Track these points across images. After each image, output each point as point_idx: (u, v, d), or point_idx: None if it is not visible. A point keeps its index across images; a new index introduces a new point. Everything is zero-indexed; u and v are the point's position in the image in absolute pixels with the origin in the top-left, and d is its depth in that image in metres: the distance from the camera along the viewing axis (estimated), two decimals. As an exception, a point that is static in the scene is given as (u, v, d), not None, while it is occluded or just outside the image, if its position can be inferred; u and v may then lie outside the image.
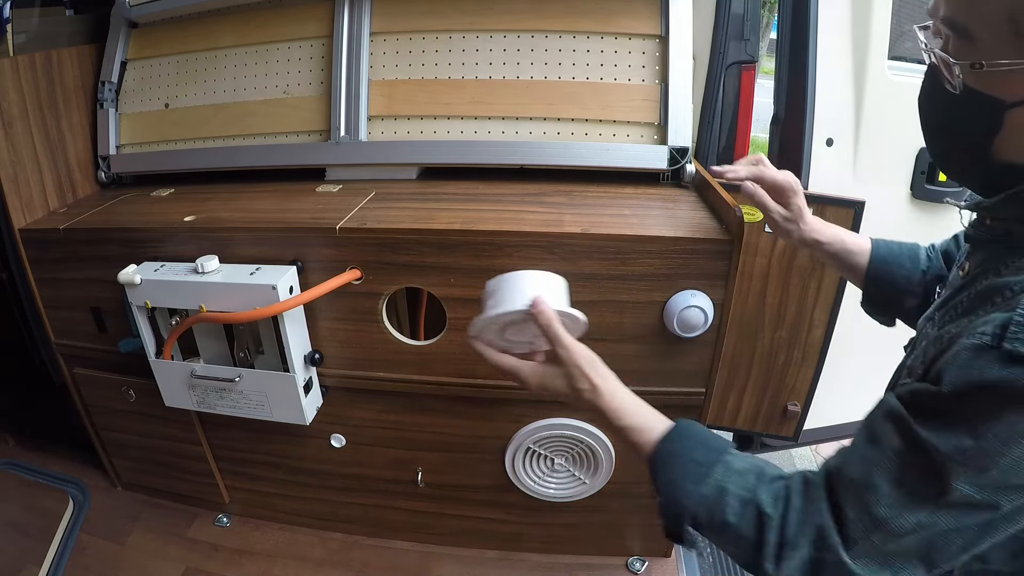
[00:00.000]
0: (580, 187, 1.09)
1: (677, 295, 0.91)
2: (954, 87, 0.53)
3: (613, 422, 0.67)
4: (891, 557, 0.51)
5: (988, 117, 0.52)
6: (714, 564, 1.45)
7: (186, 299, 0.98)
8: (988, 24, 0.49)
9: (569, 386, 0.68)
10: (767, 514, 0.55)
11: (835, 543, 0.52)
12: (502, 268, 0.93)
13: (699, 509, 0.58)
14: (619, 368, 0.98)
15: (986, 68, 0.50)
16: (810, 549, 0.53)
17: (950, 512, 0.49)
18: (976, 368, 0.47)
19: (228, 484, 1.30)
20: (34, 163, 1.16)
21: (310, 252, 0.98)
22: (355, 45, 1.15)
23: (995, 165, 0.54)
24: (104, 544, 1.28)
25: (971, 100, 0.53)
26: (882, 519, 0.50)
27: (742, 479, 0.58)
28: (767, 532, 0.55)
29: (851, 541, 0.52)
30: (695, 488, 0.59)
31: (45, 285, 1.16)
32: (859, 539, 0.52)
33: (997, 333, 0.46)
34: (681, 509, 0.59)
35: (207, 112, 1.25)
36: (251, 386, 1.03)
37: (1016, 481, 0.46)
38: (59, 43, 1.25)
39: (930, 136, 0.61)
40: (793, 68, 1.32)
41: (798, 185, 0.83)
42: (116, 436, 1.30)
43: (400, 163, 1.16)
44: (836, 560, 0.52)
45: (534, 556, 1.22)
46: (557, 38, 1.11)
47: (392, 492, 1.20)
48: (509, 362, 0.72)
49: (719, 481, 0.58)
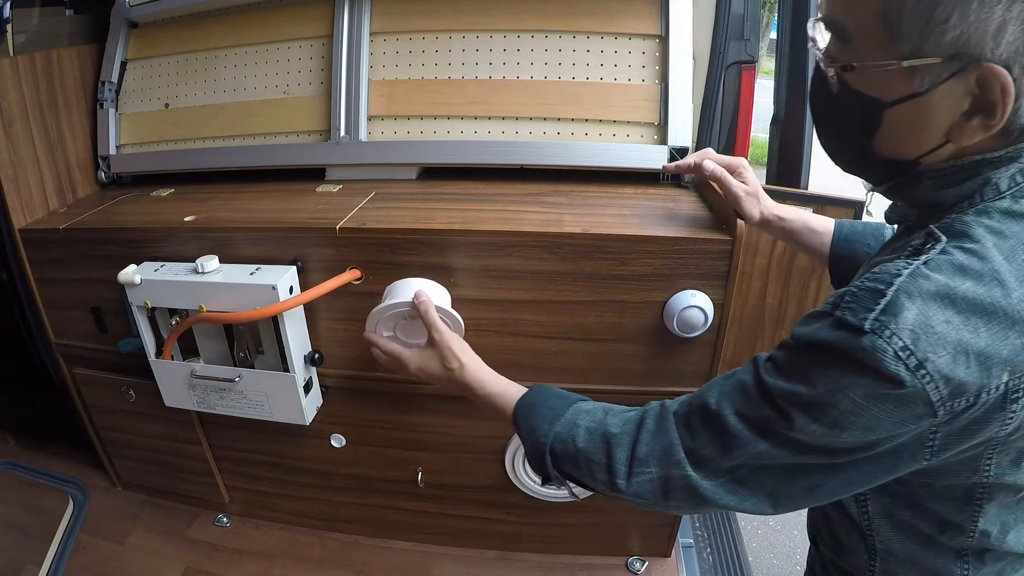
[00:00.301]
0: (580, 187, 1.09)
1: (677, 295, 0.91)
2: (833, 86, 0.56)
3: (478, 391, 0.77)
4: (738, 484, 0.57)
5: (867, 115, 0.54)
6: (714, 564, 1.45)
7: (186, 299, 0.98)
8: (862, 24, 0.51)
9: (442, 367, 0.80)
10: (613, 434, 0.61)
11: (682, 460, 0.57)
12: (502, 268, 0.94)
13: (555, 443, 0.65)
14: (619, 368, 0.99)
15: (858, 69, 0.53)
16: (659, 467, 0.59)
17: (789, 449, 0.54)
18: (812, 328, 0.52)
19: (228, 484, 1.30)
20: (34, 163, 1.16)
21: (310, 252, 0.98)
22: (355, 45, 1.15)
23: (876, 161, 0.57)
24: (104, 544, 1.28)
25: (851, 98, 0.54)
26: (728, 445, 0.56)
27: (590, 415, 0.66)
28: (615, 450, 0.61)
29: (699, 461, 0.57)
30: (550, 427, 0.66)
31: (45, 285, 1.16)
32: (708, 460, 0.57)
33: (834, 302, 0.51)
34: (540, 447, 0.66)
35: (207, 112, 1.25)
36: (251, 386, 1.03)
37: (851, 429, 0.50)
38: (59, 43, 1.25)
39: (819, 130, 0.63)
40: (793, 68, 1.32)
41: (745, 162, 0.88)
42: (116, 436, 1.30)
43: (400, 163, 1.16)
44: (683, 475, 0.57)
45: (534, 556, 1.22)
46: (557, 38, 1.11)
47: (392, 492, 1.20)
48: (392, 347, 0.85)
49: (570, 418, 0.66)
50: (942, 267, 0.48)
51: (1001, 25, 0.45)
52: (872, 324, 0.47)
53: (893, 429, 0.50)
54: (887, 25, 0.49)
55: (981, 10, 0.45)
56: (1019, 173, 0.52)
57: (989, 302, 0.47)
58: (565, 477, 0.67)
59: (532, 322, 0.97)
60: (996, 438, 0.52)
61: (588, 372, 0.99)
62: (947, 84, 0.49)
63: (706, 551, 1.47)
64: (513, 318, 0.97)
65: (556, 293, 0.94)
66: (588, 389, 0.99)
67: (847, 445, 0.52)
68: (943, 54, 0.48)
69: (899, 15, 0.48)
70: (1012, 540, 0.62)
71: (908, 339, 0.46)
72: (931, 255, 0.50)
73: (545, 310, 0.96)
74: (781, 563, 1.82)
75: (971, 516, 0.60)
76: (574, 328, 0.96)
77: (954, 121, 0.51)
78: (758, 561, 1.82)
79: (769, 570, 1.81)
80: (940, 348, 0.46)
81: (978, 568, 0.64)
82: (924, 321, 0.46)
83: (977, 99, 0.49)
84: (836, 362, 0.49)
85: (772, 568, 1.81)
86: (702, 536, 1.51)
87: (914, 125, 0.53)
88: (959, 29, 0.46)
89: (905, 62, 0.49)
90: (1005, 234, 0.50)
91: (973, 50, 0.47)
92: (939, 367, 0.46)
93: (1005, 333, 0.47)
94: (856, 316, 0.48)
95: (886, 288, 0.48)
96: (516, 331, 0.98)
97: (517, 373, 0.99)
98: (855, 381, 0.48)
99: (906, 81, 0.50)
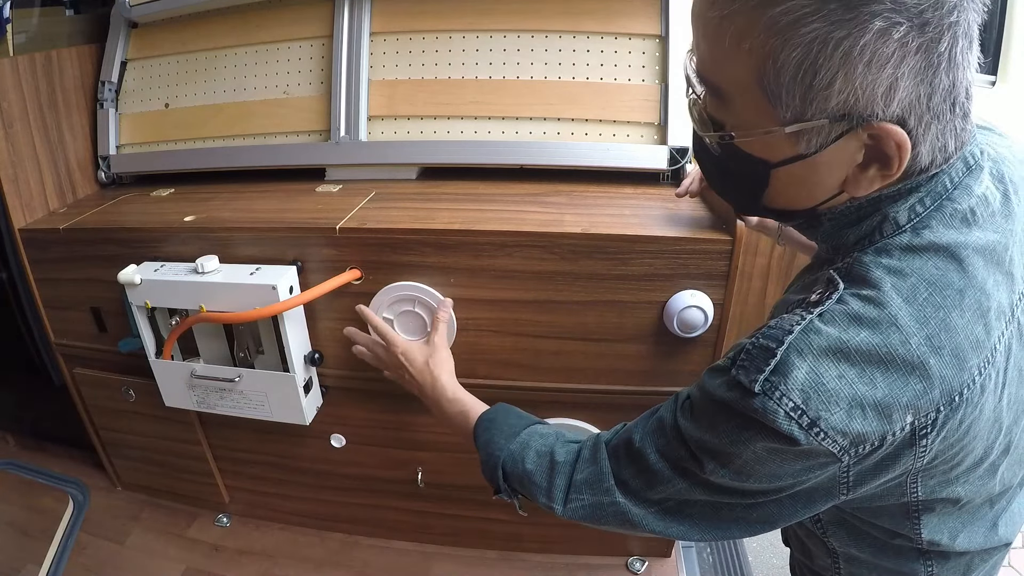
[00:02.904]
0: (580, 187, 1.09)
1: (677, 295, 0.91)
2: (713, 149, 0.53)
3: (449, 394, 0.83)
4: (666, 514, 0.58)
5: (754, 175, 0.52)
6: (714, 564, 1.45)
7: (186, 299, 0.98)
8: (739, 88, 0.47)
9: (424, 361, 0.87)
10: (558, 461, 0.64)
11: (611, 487, 0.60)
12: (502, 268, 0.94)
13: (507, 460, 0.68)
14: (619, 368, 0.99)
15: (737, 137, 0.50)
16: (591, 494, 0.61)
17: (705, 488, 0.54)
18: (713, 383, 0.51)
19: (228, 484, 1.30)
20: (34, 163, 1.16)
21: (310, 252, 0.98)
22: (355, 45, 1.15)
23: (771, 210, 0.56)
24: (104, 544, 1.28)
25: (736, 157, 0.51)
26: (651, 481, 0.57)
27: (543, 439, 0.68)
28: (556, 477, 0.63)
29: (628, 490, 0.59)
30: (506, 444, 0.69)
31: (45, 285, 1.16)
32: (636, 491, 0.59)
33: (732, 356, 0.50)
34: (495, 461, 0.69)
35: (207, 112, 1.25)
36: (251, 386, 1.03)
37: (757, 477, 0.50)
38: (59, 43, 1.25)
39: (708, 180, 0.62)
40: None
41: None
42: (116, 436, 1.30)
43: (400, 163, 1.16)
44: (612, 502, 0.59)
45: (534, 556, 1.22)
46: (557, 38, 1.11)
47: (392, 492, 1.20)
48: (385, 325, 0.93)
49: (524, 439, 0.69)
50: (836, 319, 0.47)
51: (891, 84, 0.43)
52: (762, 386, 0.46)
53: (799, 476, 0.50)
54: (765, 91, 0.46)
55: (868, 73, 0.42)
56: (918, 203, 0.50)
57: (885, 351, 0.46)
58: (515, 492, 0.70)
59: (532, 322, 0.97)
60: (914, 468, 0.51)
61: (588, 372, 0.99)
62: (837, 144, 0.47)
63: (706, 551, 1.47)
64: (513, 318, 0.97)
65: (556, 293, 0.94)
66: (588, 389, 1.00)
67: (757, 489, 0.52)
68: (830, 116, 0.45)
69: (776, 82, 0.44)
70: (964, 542, 0.62)
71: (799, 399, 0.45)
72: (827, 306, 0.48)
73: (545, 310, 0.96)
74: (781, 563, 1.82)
75: (912, 528, 0.61)
76: (574, 328, 0.96)
77: (849, 173, 0.49)
78: (758, 561, 1.82)
79: (769, 570, 1.81)
80: (833, 405, 0.45)
81: (942, 564, 0.64)
82: (815, 379, 0.46)
83: (871, 151, 0.47)
84: (735, 418, 0.49)
85: (772, 568, 1.81)
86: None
87: (805, 182, 0.51)
88: (845, 92, 0.43)
89: (787, 128, 0.46)
90: (905, 272, 0.48)
91: (862, 111, 0.44)
92: (833, 424, 0.45)
93: (904, 380, 0.46)
94: (748, 377, 0.47)
95: (776, 347, 0.47)
96: (516, 331, 0.98)
97: (517, 373, 1.00)
98: (753, 437, 0.48)
99: (791, 144, 0.48)
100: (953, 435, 0.49)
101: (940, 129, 0.46)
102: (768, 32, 0.43)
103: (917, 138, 0.46)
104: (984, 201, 0.50)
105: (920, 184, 0.50)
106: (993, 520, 0.63)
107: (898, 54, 0.41)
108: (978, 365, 0.48)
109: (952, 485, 0.56)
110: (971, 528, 0.62)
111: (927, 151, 0.47)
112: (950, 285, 0.47)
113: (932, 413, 0.47)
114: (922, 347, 0.46)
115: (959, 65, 0.43)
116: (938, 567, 0.64)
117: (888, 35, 0.41)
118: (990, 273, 0.49)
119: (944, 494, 0.56)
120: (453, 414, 0.81)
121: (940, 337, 0.46)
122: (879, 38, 0.41)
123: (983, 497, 0.60)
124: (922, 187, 0.50)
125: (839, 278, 0.50)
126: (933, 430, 0.48)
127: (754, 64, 0.45)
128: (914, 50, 0.41)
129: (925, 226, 0.50)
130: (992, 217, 0.50)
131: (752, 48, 0.44)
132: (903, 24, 0.40)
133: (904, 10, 0.40)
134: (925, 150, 0.47)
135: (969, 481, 0.56)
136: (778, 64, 0.43)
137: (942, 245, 0.48)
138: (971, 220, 0.50)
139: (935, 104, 0.44)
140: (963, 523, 0.62)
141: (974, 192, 0.50)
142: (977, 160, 0.51)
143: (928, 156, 0.48)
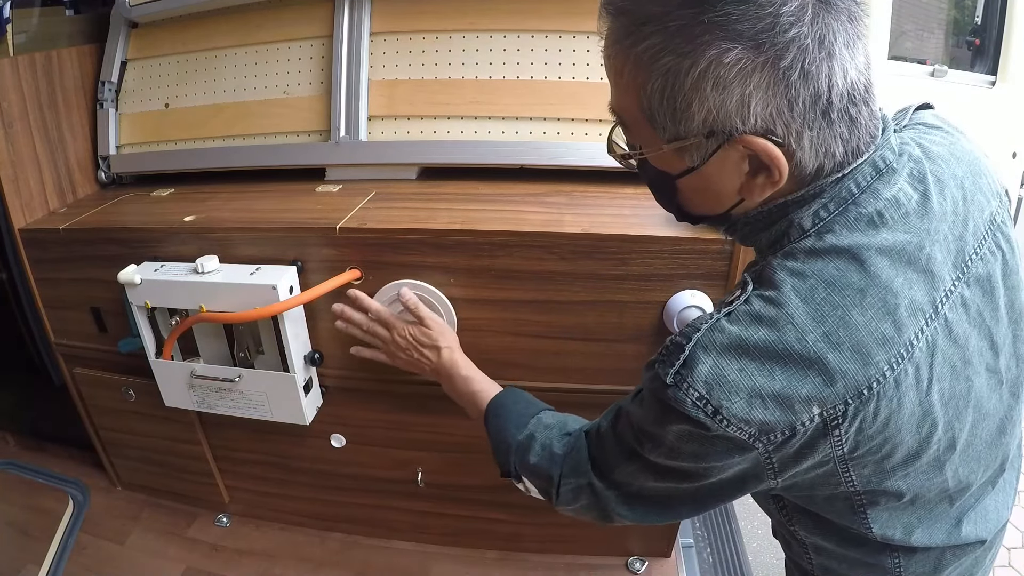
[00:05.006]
0: (580, 187, 1.09)
1: (677, 295, 0.91)
2: (630, 167, 0.62)
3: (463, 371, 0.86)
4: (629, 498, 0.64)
5: (665, 185, 0.58)
6: (714, 564, 1.45)
7: (186, 299, 0.98)
8: (631, 116, 0.54)
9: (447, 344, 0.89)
10: (556, 455, 0.70)
11: (587, 470, 0.66)
12: (502, 268, 0.94)
13: (517, 451, 0.73)
14: (619, 368, 0.99)
15: (635, 155, 0.57)
16: (575, 477, 0.67)
17: (651, 472, 0.60)
18: (645, 374, 0.57)
19: (228, 484, 1.30)
20: (34, 163, 1.16)
21: (310, 252, 0.98)
22: (355, 45, 1.15)
23: (694, 216, 0.62)
24: (104, 544, 1.28)
25: (650, 171, 0.58)
26: (612, 463, 0.64)
27: (547, 431, 0.73)
28: (553, 468, 0.69)
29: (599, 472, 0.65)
30: (516, 433, 0.74)
31: (45, 285, 1.16)
32: (604, 473, 0.65)
33: (660, 350, 0.55)
34: (508, 448, 0.74)
35: (207, 112, 1.25)
36: (251, 386, 1.03)
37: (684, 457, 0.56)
38: (59, 43, 1.25)
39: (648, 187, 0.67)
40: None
41: None
42: (116, 436, 1.30)
43: (400, 163, 1.16)
44: (589, 483, 0.66)
45: (534, 556, 1.22)
46: (557, 38, 1.11)
47: (392, 492, 1.20)
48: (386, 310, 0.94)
49: (531, 430, 0.74)
50: (740, 318, 0.52)
51: (742, 100, 0.47)
52: (673, 378, 0.52)
53: (722, 459, 0.54)
54: (647, 116, 0.52)
55: (716, 93, 0.47)
56: (822, 208, 0.53)
57: (782, 347, 0.50)
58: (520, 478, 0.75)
59: (532, 322, 0.97)
60: (836, 456, 0.54)
61: (588, 372, 0.99)
62: (717, 156, 0.51)
63: (706, 551, 1.47)
64: (513, 318, 0.97)
65: (556, 293, 0.94)
66: (588, 389, 1.00)
67: (689, 470, 0.57)
68: (700, 133, 0.50)
69: (650, 108, 0.51)
70: (922, 538, 0.63)
71: (703, 390, 0.51)
72: (734, 306, 0.53)
73: (545, 310, 0.96)
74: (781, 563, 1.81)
75: (861, 521, 0.62)
76: (574, 328, 0.96)
77: (741, 182, 0.53)
78: (758, 561, 1.82)
79: (769, 570, 1.81)
80: (734, 395, 0.50)
81: (909, 557, 0.65)
82: (718, 372, 0.51)
83: (754, 161, 0.51)
84: (657, 404, 0.54)
85: (772, 568, 1.81)
86: (702, 536, 1.51)
87: (705, 191, 0.56)
88: (703, 112, 0.48)
89: (667, 146, 0.53)
90: (805, 274, 0.52)
91: (725, 127, 0.49)
92: (734, 412, 0.50)
93: (803, 374, 0.50)
94: (663, 369, 0.53)
95: (686, 344, 0.52)
96: (516, 331, 0.98)
97: (517, 373, 1.00)
98: (672, 420, 0.54)
99: (680, 159, 0.53)
100: (870, 427, 0.52)
101: (816, 136, 0.49)
102: (636, 67, 0.50)
103: (791, 146, 0.49)
104: (895, 203, 0.53)
105: (823, 189, 0.53)
106: (956, 517, 0.64)
107: (740, 74, 0.46)
108: (888, 360, 0.50)
109: (890, 478, 0.57)
110: (929, 524, 0.63)
111: (809, 158, 0.50)
112: (850, 285, 0.51)
113: (840, 405, 0.50)
114: (819, 343, 0.49)
115: (814, 76, 0.46)
116: (904, 560, 0.65)
117: (721, 60, 0.46)
118: (898, 272, 0.51)
119: (884, 487, 0.58)
120: (464, 393, 0.86)
121: (839, 334, 0.50)
122: (716, 63, 0.46)
123: (935, 493, 0.61)
124: (825, 192, 0.53)
125: (751, 280, 0.55)
126: (844, 421, 0.51)
127: (634, 95, 0.51)
128: (756, 68, 0.46)
129: (828, 230, 0.53)
130: (905, 218, 0.53)
131: (628, 82, 0.51)
132: (735, 48, 0.45)
133: (736, 36, 0.45)
134: (806, 157, 0.50)
135: (909, 475, 0.58)
136: (648, 93, 0.50)
137: (843, 248, 0.52)
138: (878, 222, 0.52)
139: (798, 114, 0.48)
140: (918, 519, 0.63)
141: (882, 195, 0.53)
142: (889, 163, 0.53)
143: (812, 162, 0.51)
